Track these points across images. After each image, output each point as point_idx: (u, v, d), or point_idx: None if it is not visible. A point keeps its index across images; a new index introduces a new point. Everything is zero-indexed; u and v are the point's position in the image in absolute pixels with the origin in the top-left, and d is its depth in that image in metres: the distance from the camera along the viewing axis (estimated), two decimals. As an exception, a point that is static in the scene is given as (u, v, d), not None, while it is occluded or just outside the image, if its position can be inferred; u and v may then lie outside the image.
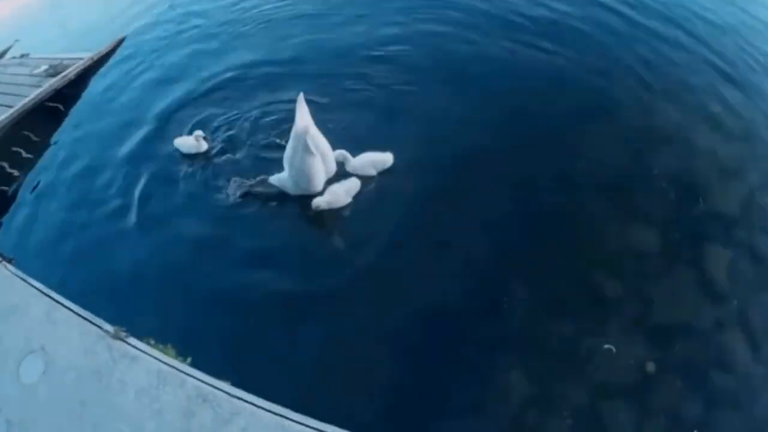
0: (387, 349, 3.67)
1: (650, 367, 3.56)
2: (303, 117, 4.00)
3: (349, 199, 4.27)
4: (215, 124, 5.30)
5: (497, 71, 5.45)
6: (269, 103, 5.40)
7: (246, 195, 4.41)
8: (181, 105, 5.66)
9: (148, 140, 5.33)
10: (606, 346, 3.52)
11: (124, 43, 6.66)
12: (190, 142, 4.89)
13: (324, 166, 4.20)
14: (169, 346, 3.26)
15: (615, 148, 4.80)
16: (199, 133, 4.86)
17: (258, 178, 4.42)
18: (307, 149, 3.93)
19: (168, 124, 5.46)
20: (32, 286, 3.53)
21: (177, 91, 5.84)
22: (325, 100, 5.24)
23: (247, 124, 5.21)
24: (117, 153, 5.30)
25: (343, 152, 4.41)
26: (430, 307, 3.83)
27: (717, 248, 4.07)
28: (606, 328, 3.75)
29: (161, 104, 5.71)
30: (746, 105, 4.80)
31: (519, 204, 4.42)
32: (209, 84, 5.86)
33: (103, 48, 6.40)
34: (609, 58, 5.52)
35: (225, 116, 5.36)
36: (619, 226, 4.28)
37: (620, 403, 3.46)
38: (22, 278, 3.60)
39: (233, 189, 4.44)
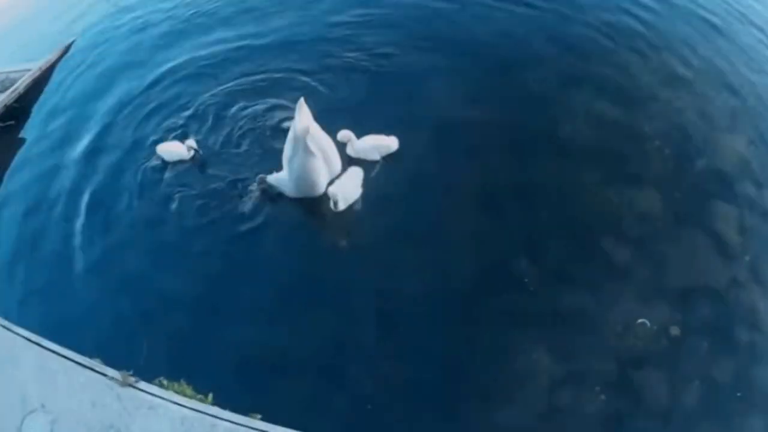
0: (406, 345, 3.41)
1: (675, 331, 3.41)
2: (303, 118, 3.57)
3: (360, 191, 3.89)
4: (190, 123, 4.67)
5: (479, 37, 5.05)
6: (246, 90, 4.82)
7: (256, 197, 3.95)
8: (148, 107, 4.97)
9: (121, 150, 4.65)
10: (640, 320, 3.31)
11: (72, 49, 5.89)
12: (174, 149, 4.28)
13: (327, 166, 3.78)
14: (183, 383, 2.84)
15: (602, 110, 4.53)
16: (190, 142, 4.24)
17: (257, 178, 3.95)
18: (307, 150, 3.51)
19: (138, 129, 4.78)
20: (17, 334, 3.01)
21: (139, 93, 5.15)
22: (306, 77, 4.76)
23: (226, 117, 4.62)
24: (90, 168, 4.61)
25: (348, 133, 4.01)
26: (444, 293, 3.59)
27: (721, 204, 3.92)
28: (623, 296, 3.59)
29: (126, 109, 5.02)
30: (729, 55, 4.59)
31: (517, 177, 4.16)
32: (172, 79, 5.19)
33: (51, 56, 5.64)
34: (583, 13, 5.17)
35: (199, 112, 4.74)
36: (620, 191, 4.07)
37: (651, 371, 3.32)
38: (4, 326, 3.08)
39: (246, 196, 3.96)
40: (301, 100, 3.65)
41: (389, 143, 4.06)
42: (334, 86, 4.64)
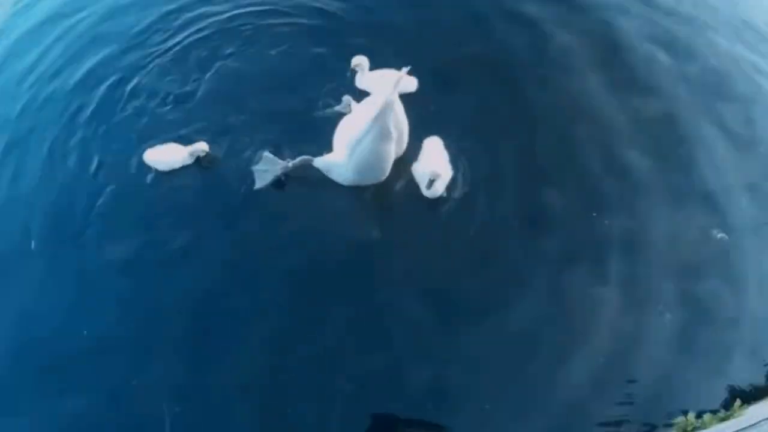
0: (462, 307, 2.83)
1: (718, 234, 3.03)
2: (392, 91, 2.54)
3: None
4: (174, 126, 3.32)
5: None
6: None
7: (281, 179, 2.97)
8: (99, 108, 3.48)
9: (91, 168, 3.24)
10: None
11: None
12: (169, 157, 3.09)
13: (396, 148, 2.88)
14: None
15: (583, 23, 3.91)
16: (200, 146, 3.06)
17: (298, 159, 2.91)
18: (384, 130, 2.57)
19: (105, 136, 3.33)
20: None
21: (85, 96, 3.57)
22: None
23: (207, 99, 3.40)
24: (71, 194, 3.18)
25: (363, 60, 3.26)
26: (488, 246, 2.99)
27: (723, 101, 3.54)
28: (659, 208, 3.15)
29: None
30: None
31: (519, 107, 3.49)
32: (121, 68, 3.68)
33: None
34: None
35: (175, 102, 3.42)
36: (623, 101, 3.57)
37: (708, 279, 2.97)
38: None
39: (262, 173, 2.92)
40: (404, 70, 2.58)
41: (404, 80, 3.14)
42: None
